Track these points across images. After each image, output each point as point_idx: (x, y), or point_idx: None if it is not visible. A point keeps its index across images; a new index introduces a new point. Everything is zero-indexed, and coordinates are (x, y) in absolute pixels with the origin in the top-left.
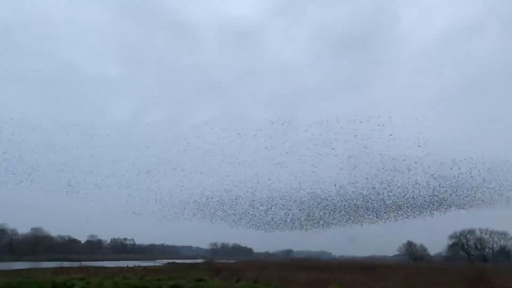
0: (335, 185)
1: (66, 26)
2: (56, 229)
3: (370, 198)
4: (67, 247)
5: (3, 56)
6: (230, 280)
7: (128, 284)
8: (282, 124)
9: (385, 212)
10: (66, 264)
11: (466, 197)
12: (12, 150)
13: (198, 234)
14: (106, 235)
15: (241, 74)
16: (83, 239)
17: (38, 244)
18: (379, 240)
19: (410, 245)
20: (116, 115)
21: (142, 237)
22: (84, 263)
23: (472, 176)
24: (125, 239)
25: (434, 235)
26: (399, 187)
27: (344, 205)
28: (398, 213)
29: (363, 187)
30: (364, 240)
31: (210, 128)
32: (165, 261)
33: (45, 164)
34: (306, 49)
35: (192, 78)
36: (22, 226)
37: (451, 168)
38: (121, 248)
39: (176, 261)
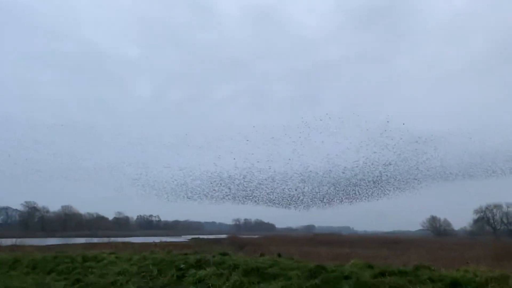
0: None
1: (87, 7)
2: (84, 207)
3: (399, 170)
4: (95, 224)
5: (26, 38)
6: (254, 254)
7: (156, 258)
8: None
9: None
10: (95, 240)
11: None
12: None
13: (221, 211)
14: (132, 212)
15: (262, 50)
16: (110, 216)
17: (68, 221)
18: (402, 215)
19: (433, 219)
20: (138, 94)
21: (167, 213)
22: (112, 239)
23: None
24: (151, 215)
25: (459, 210)
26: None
27: (369, 178)
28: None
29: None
30: (387, 215)
31: (232, 105)
32: (190, 236)
33: (70, 144)
34: (328, 22)
35: (212, 55)
36: (52, 205)
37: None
38: (147, 225)
39: (200, 236)
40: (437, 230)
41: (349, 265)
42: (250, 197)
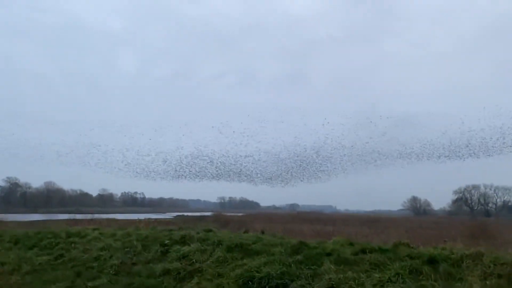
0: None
1: None
2: (68, 183)
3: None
4: (79, 201)
5: (7, 9)
6: (238, 231)
7: (140, 234)
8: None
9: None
10: (79, 216)
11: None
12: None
13: (206, 189)
14: (116, 189)
15: (249, 27)
16: (94, 193)
17: (51, 197)
18: (384, 195)
19: (414, 200)
20: (123, 69)
21: (152, 191)
22: (96, 216)
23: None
24: (135, 193)
25: (439, 191)
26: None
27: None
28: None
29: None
30: (369, 195)
31: (219, 83)
32: (175, 214)
33: (55, 118)
34: (316, 0)
35: (198, 31)
36: (35, 181)
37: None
38: (131, 202)
39: (185, 214)
40: (417, 210)
41: (331, 242)
42: (234, 174)
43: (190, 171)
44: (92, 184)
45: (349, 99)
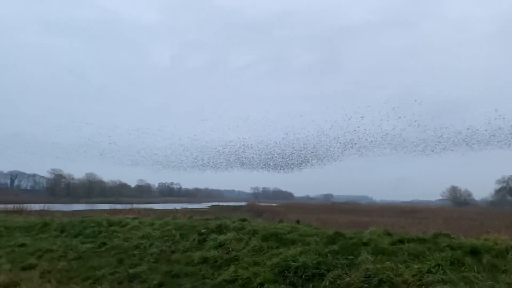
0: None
1: None
2: (108, 175)
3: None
4: (118, 191)
5: (45, 5)
6: (273, 221)
7: (178, 223)
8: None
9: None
10: (118, 206)
11: None
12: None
13: (240, 179)
14: (154, 180)
15: (281, 14)
16: (133, 184)
17: (92, 188)
18: (422, 185)
19: (454, 190)
20: (156, 61)
21: (188, 181)
22: (135, 205)
23: None
24: (172, 183)
25: (480, 180)
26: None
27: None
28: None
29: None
30: (406, 185)
31: (250, 73)
32: (210, 203)
33: (90, 112)
34: None
35: (230, 21)
36: (77, 172)
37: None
38: (168, 192)
39: (220, 203)
40: (458, 200)
41: (367, 232)
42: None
43: (229, 160)
44: (130, 175)
45: (385, 86)
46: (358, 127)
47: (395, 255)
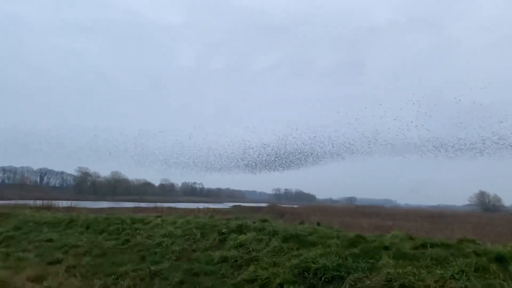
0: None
1: None
2: (132, 173)
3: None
4: (142, 190)
5: (71, 8)
6: (294, 222)
7: (199, 222)
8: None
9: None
10: (142, 204)
11: None
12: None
13: (262, 180)
14: (177, 179)
15: (304, 16)
16: (156, 183)
17: (117, 186)
18: (449, 189)
19: (482, 195)
20: (181, 63)
21: (210, 181)
22: (158, 204)
23: None
24: (195, 183)
25: (510, 185)
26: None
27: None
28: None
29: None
30: (431, 188)
31: (273, 74)
32: (231, 204)
33: (115, 112)
34: None
35: (254, 22)
36: (103, 171)
37: None
38: (191, 191)
39: (242, 204)
40: (486, 205)
41: (389, 236)
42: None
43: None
44: (154, 174)
45: (410, 87)
46: (388, 128)
47: (417, 259)
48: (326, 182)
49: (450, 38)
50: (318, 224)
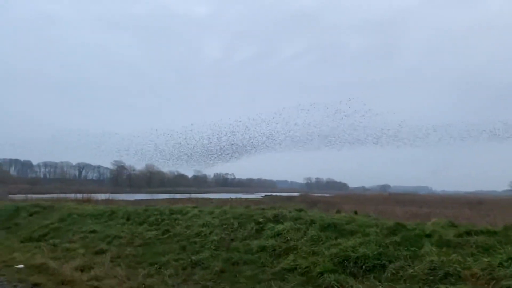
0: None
1: None
2: (166, 166)
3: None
4: (176, 182)
5: (101, 3)
6: (329, 212)
7: (236, 212)
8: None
9: None
10: (177, 196)
11: None
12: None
13: (293, 169)
14: (209, 170)
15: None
16: (189, 174)
17: (152, 179)
18: (487, 174)
19: None
20: (207, 54)
21: (241, 172)
22: (192, 195)
23: None
24: (226, 173)
25: None
26: None
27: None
28: None
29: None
30: (469, 174)
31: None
32: (263, 193)
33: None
34: None
35: (279, 10)
36: (137, 163)
37: None
38: (223, 182)
39: (273, 193)
40: None
41: (430, 223)
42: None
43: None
44: (187, 166)
45: (448, 68)
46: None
47: (461, 247)
48: (358, 170)
49: (490, 15)
50: (356, 212)
